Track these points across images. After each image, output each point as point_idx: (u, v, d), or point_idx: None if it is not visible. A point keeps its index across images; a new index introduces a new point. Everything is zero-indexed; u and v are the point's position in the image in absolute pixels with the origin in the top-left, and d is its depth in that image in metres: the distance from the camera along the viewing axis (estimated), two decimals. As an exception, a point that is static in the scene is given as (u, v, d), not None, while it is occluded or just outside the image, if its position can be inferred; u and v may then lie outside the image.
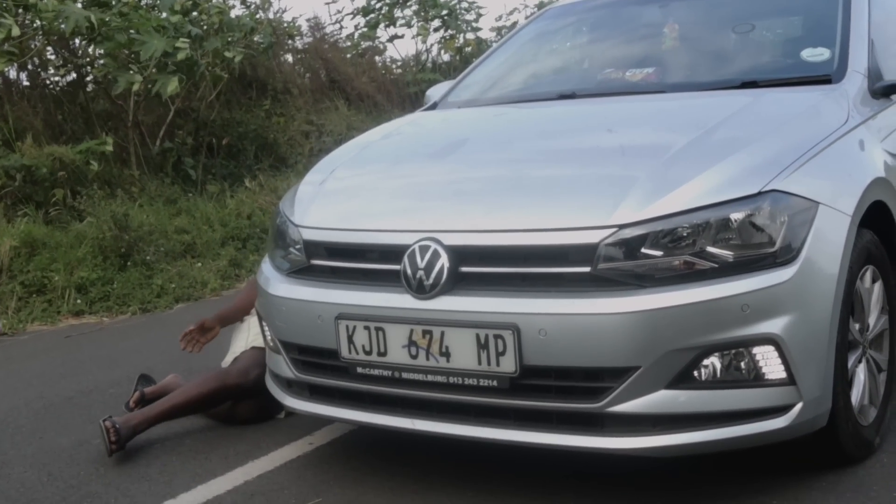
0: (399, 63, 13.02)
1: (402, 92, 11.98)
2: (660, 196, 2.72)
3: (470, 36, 13.38)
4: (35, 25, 8.14)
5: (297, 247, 3.25)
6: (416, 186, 3.21)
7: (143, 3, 8.65)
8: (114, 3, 8.50)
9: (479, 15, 13.59)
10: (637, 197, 2.72)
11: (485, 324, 2.75)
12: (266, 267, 3.46)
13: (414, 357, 2.88)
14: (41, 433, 4.02)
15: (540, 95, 3.87)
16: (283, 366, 3.29)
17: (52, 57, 9.45)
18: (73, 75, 9.50)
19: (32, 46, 8.54)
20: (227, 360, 4.05)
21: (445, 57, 13.43)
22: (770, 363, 2.69)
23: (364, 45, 12.73)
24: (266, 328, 3.47)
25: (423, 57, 13.19)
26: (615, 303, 2.65)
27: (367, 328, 2.94)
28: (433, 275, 2.83)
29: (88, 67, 9.38)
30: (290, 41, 11.65)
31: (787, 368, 2.69)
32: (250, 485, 3.31)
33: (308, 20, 17.96)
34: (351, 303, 3.00)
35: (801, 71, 3.48)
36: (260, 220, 8.01)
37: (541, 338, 2.69)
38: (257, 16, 10.56)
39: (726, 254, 2.68)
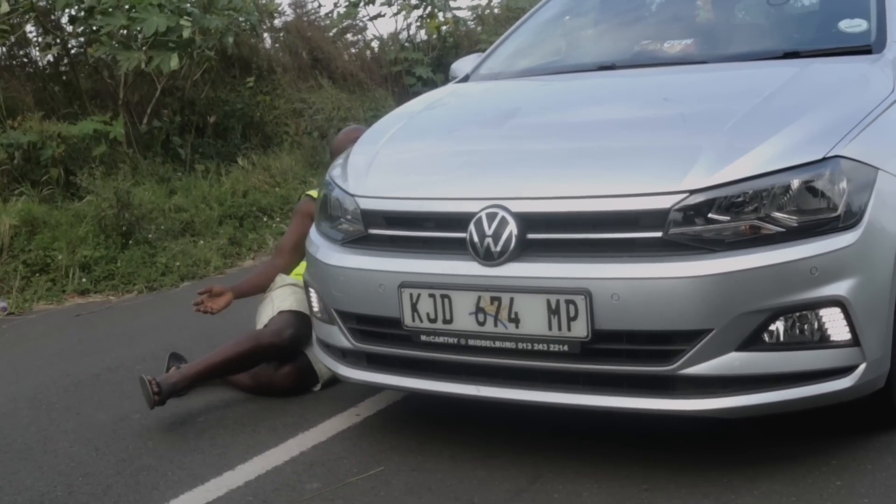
0: (377, 41, 12.93)
1: (385, 71, 11.93)
2: (728, 162, 2.76)
3: (448, 15, 13.33)
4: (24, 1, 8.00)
5: (353, 216, 3.25)
6: (477, 155, 3.22)
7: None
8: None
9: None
10: (706, 163, 2.76)
11: (556, 289, 2.78)
12: (316, 237, 3.46)
13: (481, 324, 2.90)
14: (77, 409, 3.99)
15: (578, 67, 3.89)
16: (338, 335, 3.29)
17: (34, 36, 9.31)
18: (55, 54, 9.36)
19: (19, 23, 8.41)
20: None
21: (422, 35, 13.38)
22: (836, 325, 2.75)
23: (345, 23, 12.64)
24: (314, 298, 3.47)
25: (403, 35, 13.13)
26: (688, 267, 2.69)
27: (432, 296, 2.96)
28: (501, 242, 2.85)
29: (71, 43, 9.25)
30: (269, 21, 11.53)
31: (852, 330, 2.75)
32: (307, 455, 3.32)
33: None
34: (415, 271, 3.01)
35: (841, 41, 3.54)
36: (256, 199, 7.97)
37: (613, 302, 2.73)
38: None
39: (792, 219, 2.73)
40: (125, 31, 8.45)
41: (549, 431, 3.30)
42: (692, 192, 2.72)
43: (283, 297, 4.00)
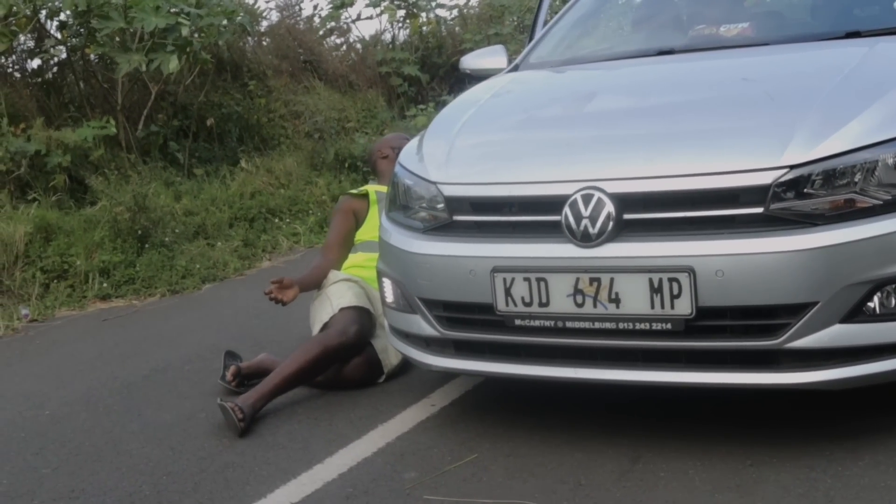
0: (360, 43, 12.89)
1: (371, 72, 11.90)
2: (824, 137, 2.78)
3: (431, 15, 13.33)
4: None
5: (433, 204, 3.24)
6: (564, 138, 3.21)
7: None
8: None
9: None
10: (803, 139, 2.78)
11: (658, 268, 2.78)
12: (391, 226, 3.44)
13: (580, 305, 2.90)
14: (137, 410, 3.94)
15: (637, 53, 3.90)
16: (421, 324, 3.27)
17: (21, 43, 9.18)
18: (48, 60, 9.23)
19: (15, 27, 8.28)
20: (316, 331, 4.01)
21: (404, 36, 13.35)
22: (938, 294, 2.78)
23: (330, 24, 12.60)
24: (388, 288, 3.45)
25: (387, 36, 13.11)
26: (794, 241, 2.70)
27: (527, 279, 2.95)
28: (599, 223, 2.85)
29: (61, 49, 9.13)
30: (256, 24, 11.46)
31: (953, 298, 2.78)
32: (394, 446, 3.30)
33: (270, 1, 17.75)
34: (508, 255, 3.00)
35: (901, 20, 3.58)
36: (263, 201, 7.91)
37: (718, 279, 2.74)
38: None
39: (890, 191, 2.75)
40: (121, 34, 8.38)
41: (635, 412, 3.31)
42: (792, 167, 2.73)
43: (340, 294, 3.97)
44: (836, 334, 2.75)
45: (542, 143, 3.23)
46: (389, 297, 3.49)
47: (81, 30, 8.52)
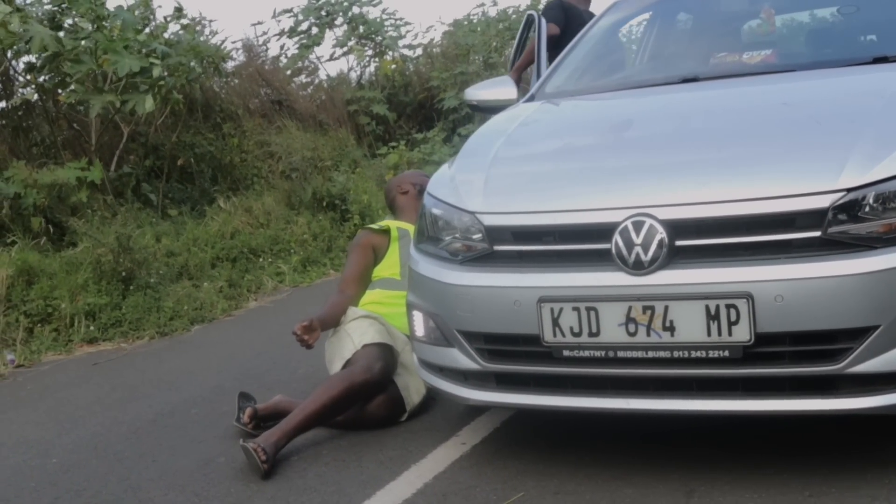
0: (327, 82, 12.84)
1: (340, 111, 11.83)
2: (880, 160, 2.75)
3: (397, 55, 13.33)
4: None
5: (472, 234, 3.16)
6: (607, 166, 3.15)
7: (101, 25, 8.27)
8: (68, 25, 8.16)
9: (402, 34, 13.53)
10: (858, 161, 2.75)
11: (715, 294, 2.72)
12: (423, 258, 3.35)
13: (632, 334, 2.82)
14: (151, 456, 3.78)
15: (660, 80, 3.87)
16: (459, 357, 3.18)
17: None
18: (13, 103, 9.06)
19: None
20: (337, 368, 3.89)
21: (370, 75, 13.32)
22: None
23: (297, 64, 12.54)
24: (419, 321, 3.36)
25: (355, 75, 13.09)
26: (853, 264, 2.66)
27: (576, 309, 2.88)
28: (651, 250, 2.79)
29: (30, 89, 8.96)
30: (223, 63, 11.35)
31: None
32: (434, 486, 3.19)
33: (236, 42, 17.69)
34: (556, 285, 2.93)
35: (927, 46, 3.60)
36: (244, 241, 7.77)
37: (777, 304, 2.68)
38: (201, 38, 10.31)
39: (950, 212, 2.72)
40: (94, 76, 8.25)
41: (679, 443, 3.23)
42: (849, 190, 2.70)
43: (362, 331, 3.86)
44: (897, 358, 2.70)
45: (586, 170, 3.17)
46: (420, 331, 3.39)
47: (51, 74, 8.37)
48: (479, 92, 4.53)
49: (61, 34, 7.81)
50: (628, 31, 4.76)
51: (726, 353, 2.75)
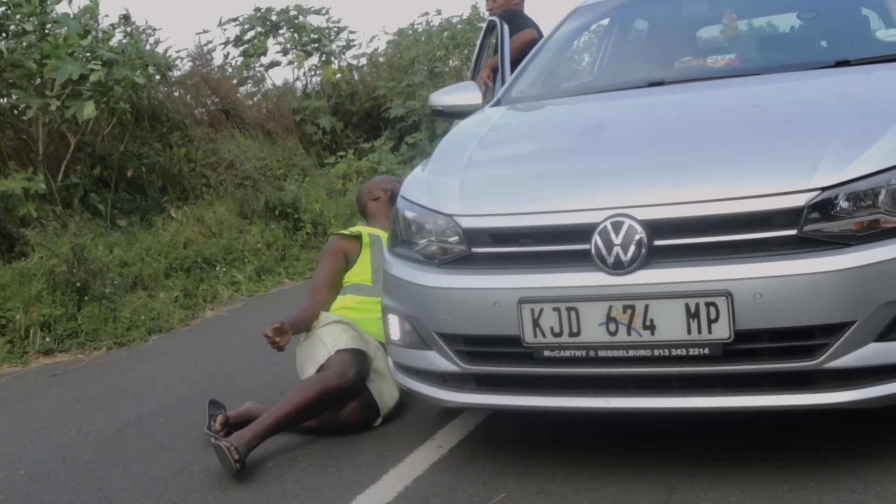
0: (273, 91, 12.78)
1: (288, 120, 11.78)
2: (852, 159, 2.81)
3: (343, 64, 13.31)
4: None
5: (448, 237, 3.18)
6: (584, 168, 3.18)
7: (44, 30, 8.14)
8: (12, 28, 8.03)
9: (347, 43, 13.51)
10: (831, 161, 2.81)
11: (695, 293, 2.76)
12: (398, 262, 3.35)
13: (613, 333, 2.86)
14: (121, 465, 3.73)
15: (626, 84, 3.92)
16: (438, 360, 3.19)
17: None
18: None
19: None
20: (310, 373, 3.87)
21: (316, 84, 13.27)
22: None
23: (244, 73, 12.47)
24: (395, 324, 3.36)
25: (301, 83, 13.03)
26: (828, 261, 2.72)
27: (556, 309, 2.90)
28: (630, 250, 2.83)
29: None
30: (169, 72, 11.24)
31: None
32: (414, 490, 3.19)
33: (180, 51, 17.54)
34: (535, 286, 2.95)
35: (886, 50, 3.69)
36: (198, 250, 7.69)
37: (755, 301, 2.73)
38: (147, 46, 10.20)
39: (919, 209, 2.80)
40: (38, 81, 8.13)
41: (656, 440, 3.27)
42: (823, 189, 2.76)
43: (335, 336, 3.84)
44: (872, 353, 2.76)
45: (563, 172, 3.20)
46: (396, 335, 3.39)
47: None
48: (444, 97, 4.56)
49: (2, 42, 7.67)
50: (585, 37, 4.79)
51: (706, 351, 2.80)
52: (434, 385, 3.27)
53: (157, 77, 10.07)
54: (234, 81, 12.25)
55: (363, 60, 13.99)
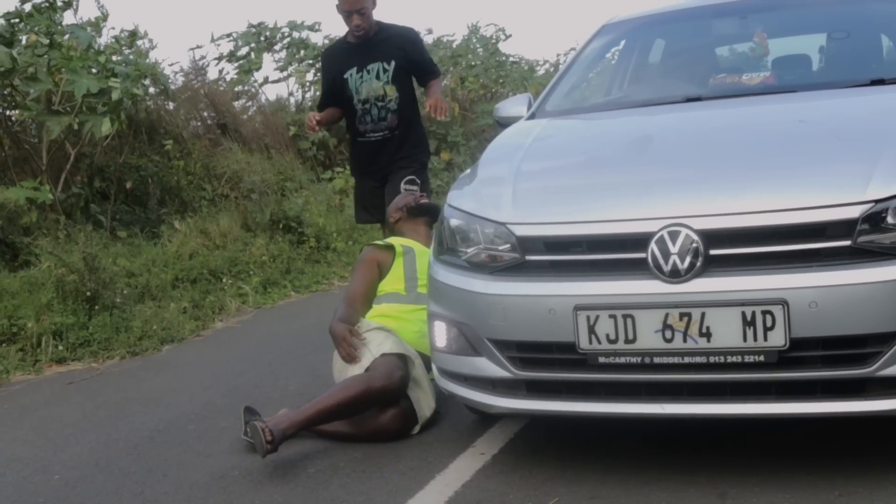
0: (268, 106, 12.79)
1: (284, 135, 11.79)
2: (904, 172, 2.90)
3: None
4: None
5: (500, 244, 3.22)
6: (638, 179, 3.23)
7: (57, 43, 8.13)
8: (23, 43, 8.02)
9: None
10: (884, 174, 2.89)
11: (751, 301, 2.83)
12: (447, 269, 3.39)
13: (668, 340, 2.91)
14: (160, 471, 3.72)
15: (663, 100, 3.98)
16: (489, 366, 3.23)
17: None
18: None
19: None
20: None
21: (309, 99, 13.28)
22: None
23: (238, 88, 12.48)
24: (442, 331, 3.40)
25: (294, 99, 13.06)
26: (882, 272, 2.79)
27: (612, 317, 2.96)
28: (687, 259, 2.89)
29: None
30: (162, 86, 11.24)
31: None
32: (465, 495, 3.21)
33: (174, 64, 17.55)
34: (591, 293, 3.00)
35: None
36: (204, 261, 7.70)
37: (811, 310, 2.80)
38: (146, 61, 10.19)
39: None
40: (48, 96, 8.12)
41: (703, 446, 3.32)
42: (877, 201, 2.83)
43: (378, 341, 3.88)
44: (923, 361, 2.83)
45: (616, 183, 3.26)
46: (442, 342, 3.43)
47: (4, 90, 8.19)
48: (505, 108, 4.49)
49: (15, 51, 7.66)
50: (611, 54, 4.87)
51: (761, 358, 2.85)
52: (483, 391, 3.30)
53: (154, 90, 10.05)
54: (230, 96, 12.25)
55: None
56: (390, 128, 5.59)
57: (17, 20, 7.96)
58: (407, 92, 5.66)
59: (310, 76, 12.93)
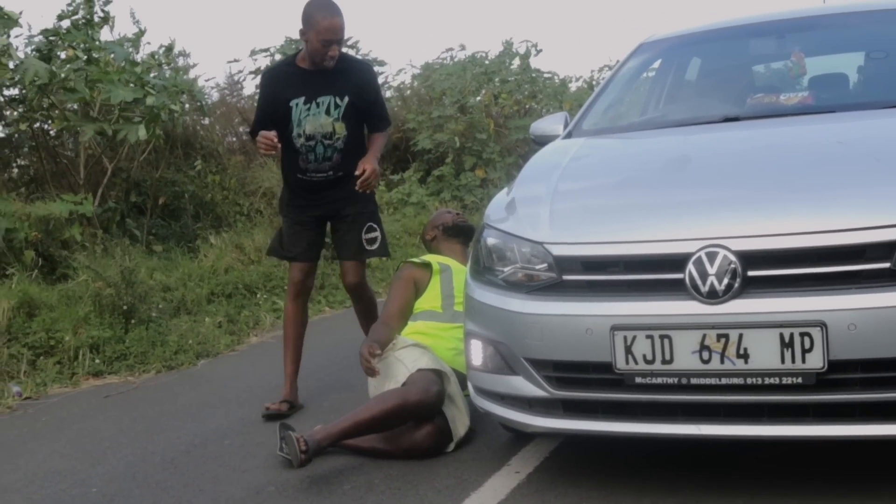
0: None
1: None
2: (942, 195, 2.88)
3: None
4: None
5: (536, 263, 3.23)
6: (675, 199, 3.24)
7: (94, 58, 8.26)
8: (62, 57, 8.16)
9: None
10: (923, 196, 2.88)
11: (789, 323, 2.82)
12: (484, 288, 3.40)
13: (706, 361, 2.91)
14: (196, 485, 3.76)
15: (700, 119, 3.99)
16: (525, 385, 3.24)
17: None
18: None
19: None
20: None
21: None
22: None
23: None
24: (478, 350, 3.41)
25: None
26: (924, 295, 2.78)
27: (649, 337, 2.96)
28: (725, 280, 2.88)
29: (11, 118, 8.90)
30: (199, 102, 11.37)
31: None
32: (502, 512, 3.23)
33: (208, 80, 17.70)
34: (628, 313, 3.01)
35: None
36: (238, 277, 7.76)
37: (850, 332, 2.79)
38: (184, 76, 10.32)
39: None
40: (83, 106, 8.25)
41: (732, 467, 3.31)
42: (915, 224, 2.82)
43: (414, 357, 3.91)
44: (962, 384, 2.81)
45: (654, 203, 3.26)
46: (478, 360, 3.44)
47: (42, 103, 8.31)
48: (541, 126, 4.49)
49: (53, 66, 7.80)
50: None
51: (799, 380, 2.84)
52: (519, 410, 3.31)
53: (189, 106, 10.16)
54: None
55: (390, 93, 14.10)
56: (334, 168, 4.68)
57: (54, 37, 8.09)
58: (356, 130, 4.75)
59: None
